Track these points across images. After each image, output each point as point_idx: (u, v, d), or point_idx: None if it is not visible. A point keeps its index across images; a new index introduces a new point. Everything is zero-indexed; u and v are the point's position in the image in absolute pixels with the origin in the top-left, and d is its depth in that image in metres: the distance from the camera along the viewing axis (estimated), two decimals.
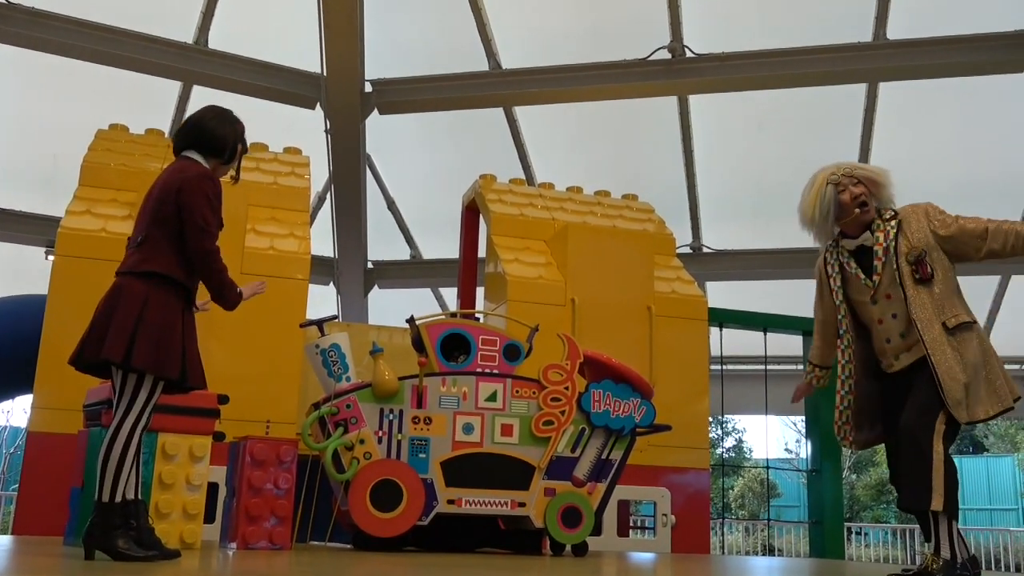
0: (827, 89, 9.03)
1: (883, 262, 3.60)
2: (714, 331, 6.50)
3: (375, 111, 9.54)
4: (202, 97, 9.27)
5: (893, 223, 3.65)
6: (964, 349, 3.47)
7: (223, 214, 3.35)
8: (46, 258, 8.72)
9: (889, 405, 3.68)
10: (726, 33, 8.82)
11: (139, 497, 3.24)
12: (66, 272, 4.97)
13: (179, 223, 3.18)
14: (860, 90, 8.98)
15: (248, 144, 3.54)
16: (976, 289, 10.00)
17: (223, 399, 3.98)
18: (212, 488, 4.25)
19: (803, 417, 7.23)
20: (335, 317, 4.81)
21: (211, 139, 3.34)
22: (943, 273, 3.57)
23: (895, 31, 8.43)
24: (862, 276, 3.66)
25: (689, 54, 8.77)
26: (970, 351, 3.48)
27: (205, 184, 3.21)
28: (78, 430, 4.15)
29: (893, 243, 3.60)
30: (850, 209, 3.65)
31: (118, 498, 3.09)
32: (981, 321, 10.94)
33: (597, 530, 4.21)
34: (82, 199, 5.28)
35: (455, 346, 4.14)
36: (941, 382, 3.38)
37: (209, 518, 4.26)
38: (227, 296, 3.32)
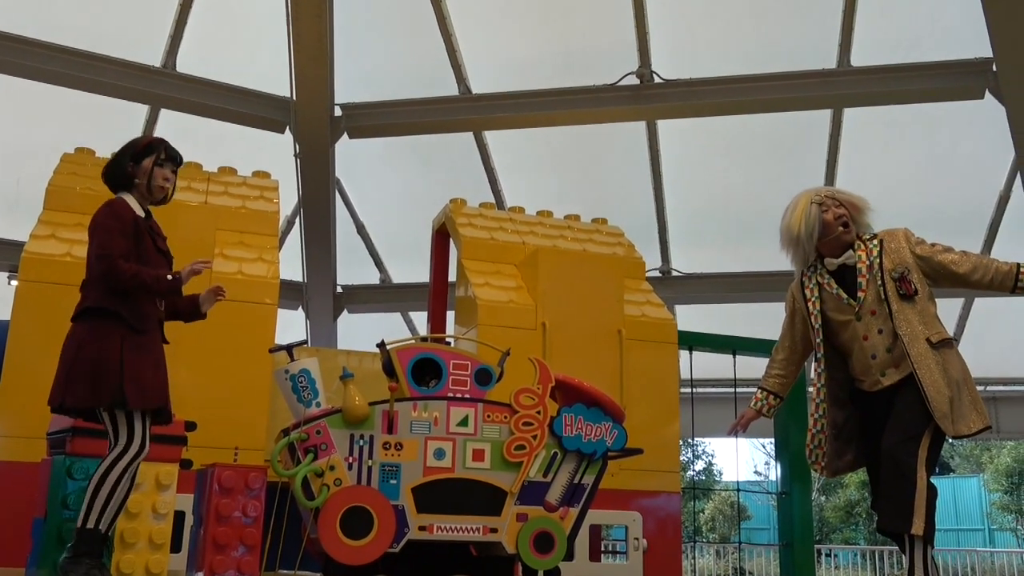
0: (793, 115, 9.17)
1: (867, 279, 3.67)
2: (683, 354, 6.52)
3: (345, 135, 9.54)
4: (170, 121, 9.22)
5: (875, 242, 3.75)
6: (948, 364, 3.53)
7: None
8: (9, 283, 8.59)
9: (870, 428, 3.70)
10: (693, 59, 8.94)
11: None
12: (30, 297, 4.89)
13: None
14: (825, 116, 9.12)
15: (166, 148, 3.61)
16: (938, 311, 10.13)
17: (190, 426, 3.92)
18: (179, 516, 4.18)
19: (772, 439, 7.26)
20: (304, 342, 4.77)
21: (112, 178, 3.60)
22: (924, 292, 3.66)
23: (859, 58, 8.58)
24: (844, 295, 3.71)
25: (657, 80, 8.87)
26: (953, 367, 3.55)
27: (101, 213, 3.45)
28: (41, 459, 4.07)
29: (877, 260, 3.68)
30: (833, 228, 3.75)
31: (91, 525, 3.19)
32: None
33: (569, 555, 4.18)
34: (47, 223, 5.21)
35: (426, 371, 4.11)
36: (928, 395, 3.43)
37: (176, 547, 4.19)
38: (157, 289, 3.39)
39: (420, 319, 10.85)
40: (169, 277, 3.39)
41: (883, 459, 3.47)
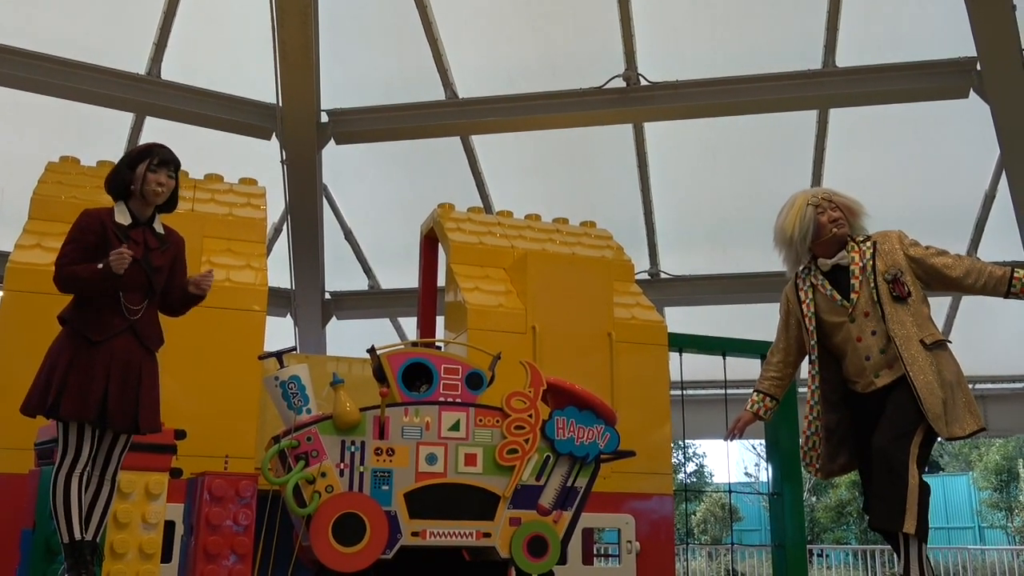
0: (779, 116, 9.19)
1: (860, 280, 3.67)
2: (673, 356, 6.52)
3: (331, 141, 9.51)
4: (155, 129, 9.18)
5: (868, 244, 3.75)
6: (942, 366, 3.52)
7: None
8: None
9: (862, 429, 3.70)
10: (680, 62, 8.96)
11: (84, 538, 3.28)
12: (15, 307, 4.85)
13: None
14: (811, 116, 9.15)
15: (158, 152, 3.66)
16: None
17: (180, 434, 3.90)
18: (169, 526, 4.15)
19: (763, 440, 7.26)
20: (294, 349, 4.75)
21: (111, 187, 3.65)
22: (917, 293, 3.66)
23: (844, 59, 8.62)
24: (838, 297, 3.70)
25: (644, 82, 8.88)
26: (947, 369, 3.53)
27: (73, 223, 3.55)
28: (29, 470, 4.03)
29: (870, 262, 3.68)
30: (827, 230, 3.76)
31: (65, 539, 3.24)
32: None
33: (562, 559, 4.16)
34: (32, 232, 5.17)
35: (417, 376, 4.09)
36: (920, 397, 3.42)
37: (166, 557, 4.16)
38: (92, 280, 3.40)
39: (409, 325, 10.83)
40: (99, 266, 3.40)
41: (874, 456, 3.47)
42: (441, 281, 6.60)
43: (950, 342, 3.69)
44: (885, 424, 3.50)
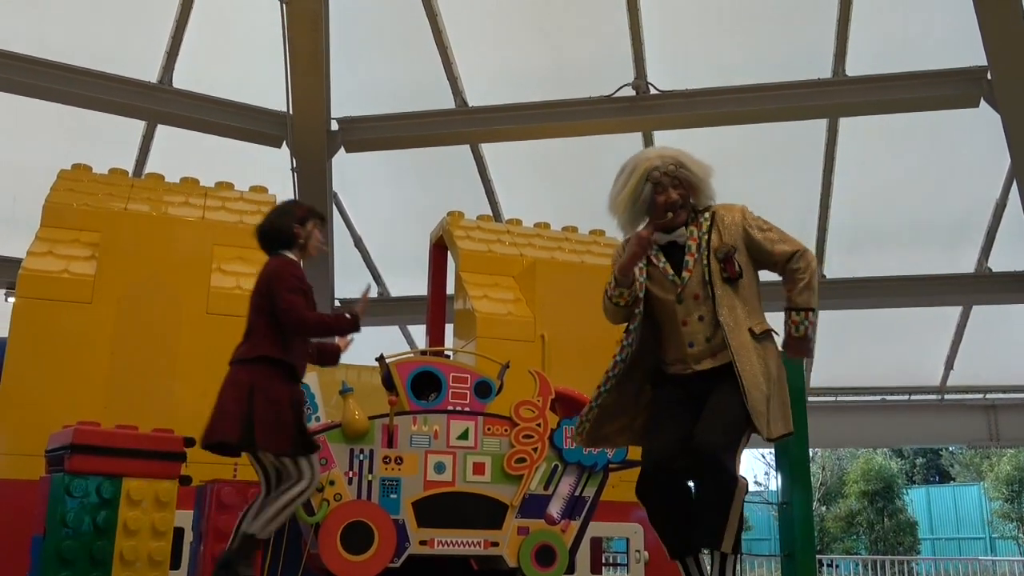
0: (789, 124, 9.18)
1: (695, 259, 3.35)
2: None
3: (341, 149, 9.54)
4: (167, 136, 9.23)
5: (707, 216, 3.42)
6: (768, 359, 3.23)
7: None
8: (5, 300, 8.57)
9: (664, 406, 3.36)
10: (689, 70, 8.96)
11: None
12: (27, 314, 4.87)
13: (273, 310, 3.58)
14: (821, 125, 9.14)
15: (320, 213, 3.91)
16: (936, 319, 10.12)
17: (189, 442, 3.91)
18: (178, 533, 4.16)
19: (772, 450, 7.24)
20: None
21: (277, 236, 3.79)
22: (749, 276, 3.35)
23: (854, 68, 8.61)
24: (670, 272, 3.38)
25: (653, 91, 8.89)
26: (772, 362, 3.23)
27: (284, 271, 3.66)
28: (40, 476, 4.05)
29: (706, 238, 3.36)
30: (661, 214, 3.42)
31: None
32: (942, 353, 10.94)
33: (571, 568, 4.16)
34: (44, 240, 5.20)
35: (426, 384, 4.10)
36: (746, 392, 3.12)
37: (175, 564, 4.16)
38: (340, 328, 3.67)
39: (418, 332, 10.84)
40: (348, 316, 3.62)
41: (703, 461, 3.10)
42: (450, 289, 6.61)
43: (777, 333, 3.36)
44: (710, 424, 3.15)
